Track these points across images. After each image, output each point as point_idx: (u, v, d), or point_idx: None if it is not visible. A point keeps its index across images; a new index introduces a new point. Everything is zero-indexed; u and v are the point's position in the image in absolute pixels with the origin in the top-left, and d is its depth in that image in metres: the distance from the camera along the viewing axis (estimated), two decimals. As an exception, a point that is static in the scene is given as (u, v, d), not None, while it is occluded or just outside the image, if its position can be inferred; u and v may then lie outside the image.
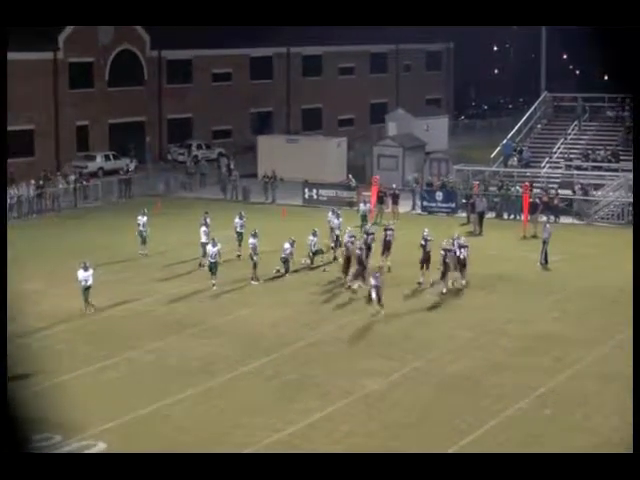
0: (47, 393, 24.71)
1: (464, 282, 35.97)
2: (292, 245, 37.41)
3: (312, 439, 22.53)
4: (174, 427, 23.33)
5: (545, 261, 39.65)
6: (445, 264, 35.15)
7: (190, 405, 24.86)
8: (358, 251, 35.80)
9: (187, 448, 21.44)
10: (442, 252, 35.19)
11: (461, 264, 35.83)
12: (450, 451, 21.62)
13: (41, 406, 23.21)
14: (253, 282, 36.52)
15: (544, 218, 46.59)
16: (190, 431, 23.04)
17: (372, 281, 32.39)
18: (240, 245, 40.32)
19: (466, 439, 22.47)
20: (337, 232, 40.96)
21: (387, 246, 38.34)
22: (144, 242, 41.32)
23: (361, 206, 46.77)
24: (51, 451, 20.53)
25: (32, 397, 22.99)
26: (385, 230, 39.03)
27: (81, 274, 32.48)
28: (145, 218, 41.43)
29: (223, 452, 20.71)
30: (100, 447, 21.97)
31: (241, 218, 41.25)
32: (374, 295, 32.02)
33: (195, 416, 24.11)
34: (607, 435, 22.65)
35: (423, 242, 36.22)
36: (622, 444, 20.83)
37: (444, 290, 35.17)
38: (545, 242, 39.79)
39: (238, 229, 40.78)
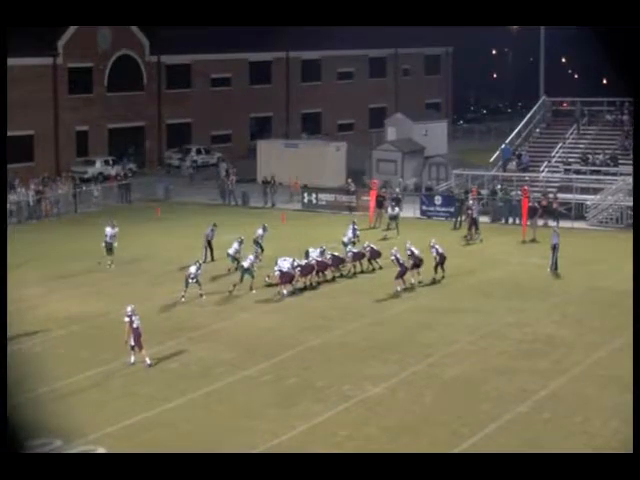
0: (47, 398, 24.70)
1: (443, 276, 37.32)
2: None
3: (312, 443, 22.49)
4: (174, 432, 23.31)
5: (555, 267, 38.95)
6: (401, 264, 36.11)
7: (190, 410, 24.85)
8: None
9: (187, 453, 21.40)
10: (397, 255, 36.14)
11: (442, 260, 37.14)
12: (450, 455, 21.59)
13: (41, 411, 23.20)
14: (231, 290, 35.74)
15: (553, 223, 46.30)
16: (190, 436, 23.03)
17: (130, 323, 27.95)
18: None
19: (466, 443, 22.45)
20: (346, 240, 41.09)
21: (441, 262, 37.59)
22: (110, 252, 39.98)
23: (389, 210, 48.03)
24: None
25: (31, 402, 22.96)
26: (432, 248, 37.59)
27: None
28: (116, 230, 40.24)
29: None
30: (100, 452, 21.94)
31: (265, 230, 40.79)
32: (132, 342, 27.87)
33: (195, 421, 24.10)
34: (607, 438, 22.63)
35: (409, 252, 36.57)
36: (622, 447, 20.82)
37: (399, 288, 35.88)
38: (555, 248, 38.94)
39: (259, 240, 40.35)
